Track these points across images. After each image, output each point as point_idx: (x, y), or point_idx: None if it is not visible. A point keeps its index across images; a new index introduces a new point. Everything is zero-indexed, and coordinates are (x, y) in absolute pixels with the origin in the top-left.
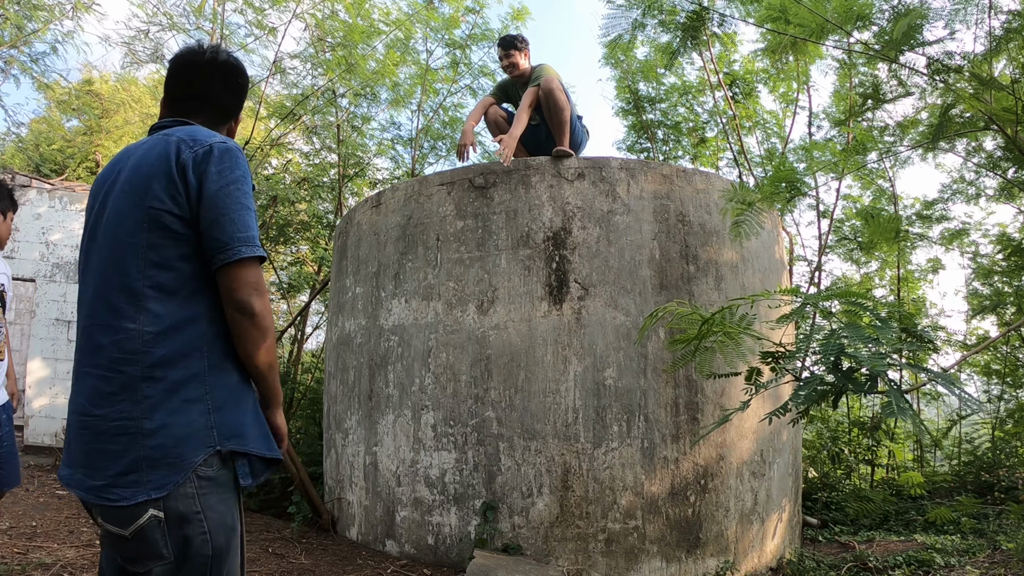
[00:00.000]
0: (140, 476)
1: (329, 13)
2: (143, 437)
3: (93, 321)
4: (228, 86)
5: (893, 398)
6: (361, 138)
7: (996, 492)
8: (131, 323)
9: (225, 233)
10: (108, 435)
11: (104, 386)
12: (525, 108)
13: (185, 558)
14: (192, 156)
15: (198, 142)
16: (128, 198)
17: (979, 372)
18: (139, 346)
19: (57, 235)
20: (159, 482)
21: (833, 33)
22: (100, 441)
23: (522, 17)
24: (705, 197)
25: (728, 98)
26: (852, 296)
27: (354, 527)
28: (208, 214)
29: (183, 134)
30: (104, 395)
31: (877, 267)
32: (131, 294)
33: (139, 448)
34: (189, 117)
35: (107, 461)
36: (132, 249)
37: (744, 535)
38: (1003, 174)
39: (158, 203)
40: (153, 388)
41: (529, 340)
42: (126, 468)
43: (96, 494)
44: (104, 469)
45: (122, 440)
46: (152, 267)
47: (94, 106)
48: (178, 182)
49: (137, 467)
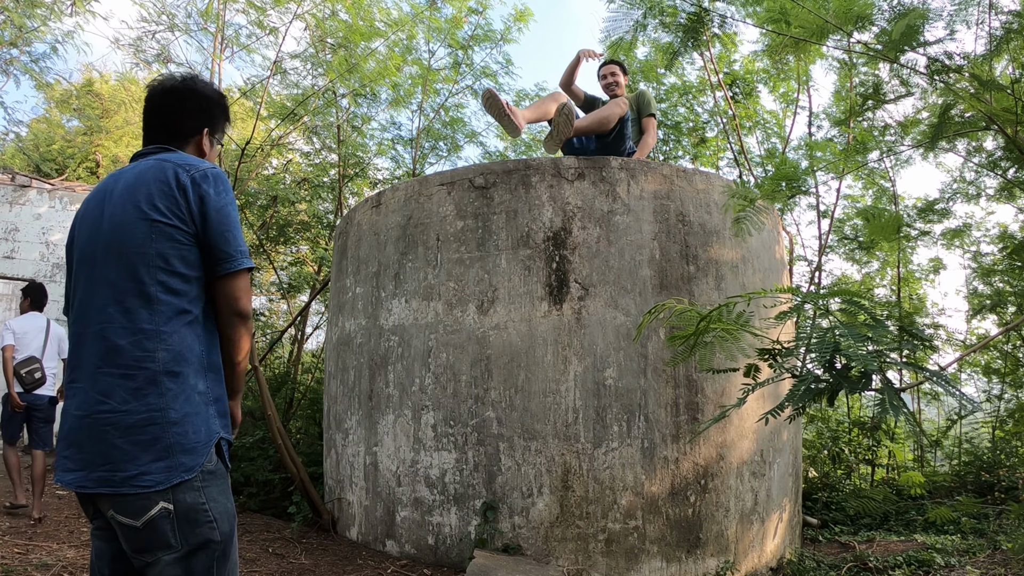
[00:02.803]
0: (173, 461)
1: (330, 13)
2: (171, 425)
3: (108, 325)
4: (186, 109)
5: (886, 396)
6: (361, 138)
7: (996, 492)
8: (148, 324)
9: (230, 246)
10: (137, 427)
11: (128, 383)
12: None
13: (196, 547)
14: (190, 179)
15: (193, 167)
16: (131, 214)
17: (980, 371)
18: (158, 344)
19: (57, 235)
20: (189, 464)
21: (833, 33)
22: (130, 434)
23: (524, 19)
24: (705, 197)
25: (728, 98)
26: (848, 295)
27: (354, 527)
28: (212, 230)
29: (176, 160)
30: (130, 391)
31: (878, 267)
32: (146, 298)
33: (169, 436)
34: (167, 143)
35: (138, 451)
36: (143, 258)
37: (744, 535)
38: (1003, 174)
39: (163, 218)
40: (174, 382)
41: (529, 340)
42: (158, 455)
43: (128, 484)
44: (135, 459)
45: (152, 430)
46: (162, 273)
47: (94, 106)
48: (179, 200)
49: (169, 452)
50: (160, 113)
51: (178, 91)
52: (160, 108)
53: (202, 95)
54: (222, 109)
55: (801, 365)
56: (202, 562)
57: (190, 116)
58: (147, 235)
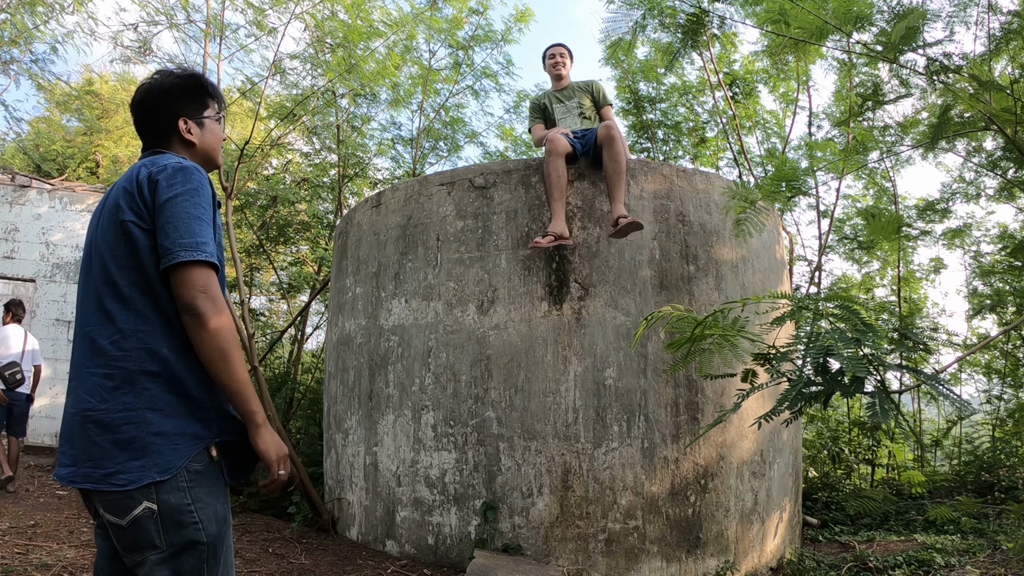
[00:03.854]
0: (148, 460)
1: (329, 14)
2: (146, 425)
3: (92, 326)
4: (154, 110)
5: (878, 401)
6: (361, 138)
7: (996, 492)
8: (125, 324)
9: (169, 239)
10: (115, 426)
11: (107, 382)
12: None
13: (181, 548)
14: (148, 174)
15: (156, 164)
16: (108, 217)
17: (980, 371)
18: (135, 344)
19: (57, 235)
20: (164, 465)
21: (833, 34)
22: (109, 432)
23: (525, 19)
24: (705, 197)
25: (728, 98)
26: (841, 300)
27: (354, 527)
28: (157, 222)
29: (148, 159)
30: (108, 390)
31: (878, 267)
32: (122, 299)
33: (144, 435)
34: (156, 147)
35: (116, 449)
36: (116, 259)
37: (744, 535)
38: (1003, 174)
39: (127, 216)
40: (152, 381)
41: (529, 340)
42: (134, 454)
43: (107, 482)
44: (113, 457)
45: (127, 429)
46: (134, 272)
47: (94, 106)
48: (137, 197)
49: (145, 452)
50: (139, 123)
51: (143, 97)
52: (138, 118)
53: (160, 89)
54: (190, 89)
55: (797, 369)
56: (189, 564)
57: (159, 114)
58: (117, 236)
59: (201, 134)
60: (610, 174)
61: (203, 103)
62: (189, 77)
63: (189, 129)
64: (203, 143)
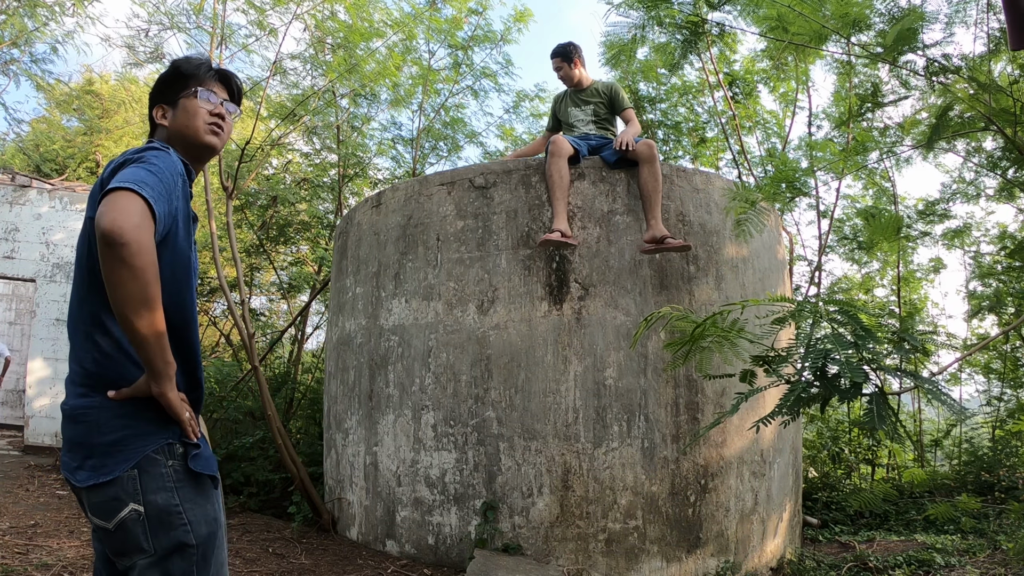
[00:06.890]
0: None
1: (329, 14)
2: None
3: (73, 322)
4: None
5: (875, 406)
6: (362, 138)
7: (996, 492)
8: (96, 316)
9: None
10: (74, 421)
11: (76, 378)
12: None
13: (170, 551)
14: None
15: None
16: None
17: (980, 371)
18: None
19: (58, 235)
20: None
21: (831, 37)
22: (71, 426)
23: (524, 19)
24: (705, 197)
25: (728, 98)
26: (842, 304)
27: (354, 527)
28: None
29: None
30: (74, 385)
31: (878, 267)
32: (94, 288)
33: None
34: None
35: (75, 446)
36: (89, 254)
37: (744, 535)
38: (1003, 174)
39: (89, 214)
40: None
41: (529, 340)
42: (88, 452)
43: (74, 478)
44: (76, 454)
45: (80, 428)
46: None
47: (94, 106)
48: (98, 189)
49: (92, 452)
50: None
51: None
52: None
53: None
54: (167, 78)
55: (797, 372)
56: (179, 567)
57: (150, 112)
58: (87, 232)
59: (174, 115)
60: (650, 191)
61: (182, 85)
62: (169, 68)
63: (164, 115)
64: (175, 123)
